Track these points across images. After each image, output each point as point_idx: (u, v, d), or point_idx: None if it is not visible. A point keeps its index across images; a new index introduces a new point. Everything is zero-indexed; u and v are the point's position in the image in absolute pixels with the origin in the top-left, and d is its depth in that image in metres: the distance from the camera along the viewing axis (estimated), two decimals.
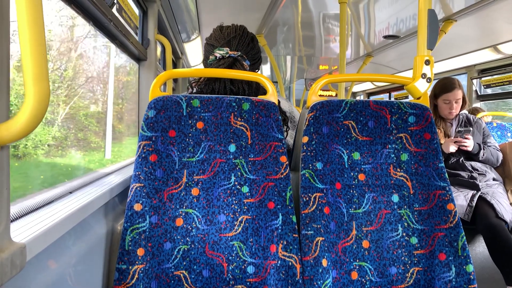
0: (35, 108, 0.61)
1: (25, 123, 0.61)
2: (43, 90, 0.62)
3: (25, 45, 0.60)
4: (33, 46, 0.61)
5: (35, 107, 0.61)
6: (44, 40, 0.61)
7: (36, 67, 0.61)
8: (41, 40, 0.61)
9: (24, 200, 0.95)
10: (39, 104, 0.62)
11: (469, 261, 1.32)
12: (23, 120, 0.61)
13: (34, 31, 0.61)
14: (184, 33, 3.92)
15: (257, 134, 1.32)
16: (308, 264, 1.26)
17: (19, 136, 0.61)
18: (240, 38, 1.57)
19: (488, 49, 3.64)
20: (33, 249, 0.73)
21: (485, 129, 2.76)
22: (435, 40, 1.42)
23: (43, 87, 0.62)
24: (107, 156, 2.83)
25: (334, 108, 1.39)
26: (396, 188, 1.39)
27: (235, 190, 1.30)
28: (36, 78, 0.61)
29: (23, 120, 0.61)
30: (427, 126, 1.41)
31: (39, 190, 1.15)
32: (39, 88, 0.62)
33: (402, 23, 3.41)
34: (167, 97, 1.30)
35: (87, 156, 2.67)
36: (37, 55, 0.61)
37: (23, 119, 0.61)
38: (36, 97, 0.61)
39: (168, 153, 1.28)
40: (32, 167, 1.85)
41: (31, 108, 0.61)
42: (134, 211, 1.22)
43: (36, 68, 0.61)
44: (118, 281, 1.17)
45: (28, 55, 0.61)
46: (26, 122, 0.61)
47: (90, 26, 1.62)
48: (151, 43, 2.40)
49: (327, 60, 5.63)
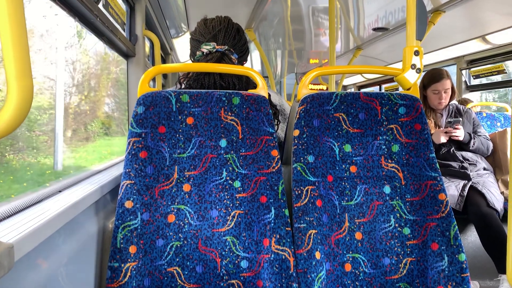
0: (19, 105, 0.60)
1: (8, 120, 0.60)
2: (27, 86, 0.61)
3: (7, 41, 0.59)
4: (15, 42, 0.59)
5: (19, 104, 0.60)
6: (25, 35, 0.60)
7: (19, 63, 0.60)
8: (23, 35, 0.60)
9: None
10: (22, 100, 0.60)
11: (461, 250, 1.32)
12: (6, 118, 0.60)
13: (15, 27, 0.59)
14: (173, 28, 3.89)
15: (248, 129, 1.32)
16: (301, 257, 1.25)
17: (3, 133, 0.60)
18: (225, 31, 1.54)
19: (476, 40, 3.66)
20: (22, 249, 0.72)
21: (475, 119, 2.78)
22: (424, 30, 1.42)
23: (26, 83, 0.61)
24: (58, 167, 2.20)
25: (324, 101, 1.39)
26: (388, 180, 1.39)
27: (227, 185, 1.29)
28: (19, 74, 0.60)
29: (6, 117, 0.60)
30: (417, 117, 1.41)
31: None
32: (22, 85, 0.60)
33: (391, 15, 3.42)
34: (156, 93, 1.28)
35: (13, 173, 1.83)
36: (19, 51, 0.60)
37: (6, 116, 0.60)
38: (19, 94, 0.60)
39: (158, 149, 1.27)
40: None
41: (15, 105, 0.60)
42: (125, 208, 1.21)
43: (19, 64, 0.60)
44: (110, 279, 1.16)
45: (10, 51, 0.59)
46: (10, 120, 0.60)
47: None
48: (139, 39, 2.38)
49: (317, 54, 5.62)
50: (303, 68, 6.90)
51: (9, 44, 0.59)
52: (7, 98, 0.60)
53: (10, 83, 0.60)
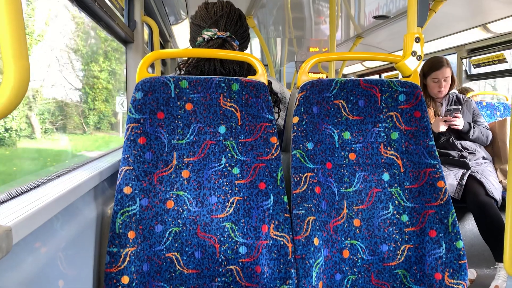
0: (16, 86, 0.59)
1: (6, 102, 0.59)
2: (23, 67, 0.60)
3: (3, 22, 0.58)
4: (11, 23, 0.59)
5: (16, 85, 0.59)
6: (22, 16, 0.59)
7: (15, 44, 0.59)
8: (19, 16, 0.59)
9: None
10: (19, 82, 0.60)
11: (459, 238, 1.33)
12: (3, 99, 0.59)
13: (11, 7, 0.59)
14: (172, 15, 3.85)
15: (247, 115, 1.31)
16: (299, 243, 1.26)
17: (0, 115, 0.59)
18: (227, 17, 1.51)
19: (477, 28, 3.64)
20: (20, 232, 0.72)
21: (475, 108, 2.77)
22: (425, 17, 1.41)
23: (23, 64, 0.60)
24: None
25: (324, 88, 1.38)
26: (387, 167, 1.39)
27: (226, 171, 1.29)
28: (16, 55, 0.59)
29: (4, 99, 0.59)
30: (417, 104, 1.40)
31: None
32: (19, 66, 0.60)
33: (392, 3, 3.39)
34: (154, 78, 1.28)
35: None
36: (16, 31, 0.59)
37: (4, 97, 0.59)
38: (16, 75, 0.59)
39: (157, 135, 1.27)
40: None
41: (12, 86, 0.59)
42: (124, 194, 1.21)
43: (15, 45, 0.59)
44: (109, 264, 1.17)
45: (7, 32, 0.59)
46: (7, 101, 0.59)
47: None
48: (137, 25, 2.35)
49: (317, 42, 5.59)
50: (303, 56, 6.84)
51: (5, 25, 0.58)
52: (3, 79, 0.59)
53: (6, 64, 0.59)
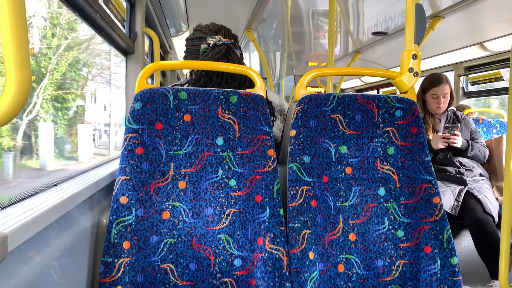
0: (17, 94, 0.60)
1: (6, 109, 0.60)
2: (25, 76, 0.61)
3: (6, 31, 0.59)
4: (13, 31, 0.59)
5: (17, 94, 0.60)
6: (25, 25, 0.60)
7: (18, 54, 0.60)
8: (22, 25, 0.60)
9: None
10: (20, 90, 0.60)
11: (454, 254, 1.33)
12: (4, 107, 0.60)
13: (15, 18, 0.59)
14: (173, 27, 3.89)
15: (245, 127, 1.32)
16: (295, 257, 1.26)
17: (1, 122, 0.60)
18: (225, 29, 1.59)
19: (475, 46, 3.67)
20: (15, 239, 0.72)
21: (473, 126, 2.79)
22: (422, 34, 1.43)
23: (24, 73, 0.61)
24: None
25: (321, 102, 1.39)
26: (383, 182, 1.40)
27: (223, 183, 1.30)
28: (18, 64, 0.60)
29: (5, 106, 0.60)
30: (413, 120, 1.41)
31: None
32: (20, 74, 0.60)
33: (390, 20, 3.43)
34: (153, 89, 1.29)
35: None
36: (18, 41, 0.60)
37: (4, 105, 0.60)
38: (17, 84, 0.60)
39: (155, 145, 1.27)
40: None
41: (13, 95, 0.60)
42: (120, 204, 1.20)
43: (18, 54, 0.60)
44: (103, 274, 1.16)
45: (9, 41, 0.59)
46: (8, 108, 0.60)
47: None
48: (138, 36, 2.37)
49: (316, 57, 5.63)
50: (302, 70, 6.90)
51: (8, 34, 0.59)
52: (5, 87, 0.60)
53: (8, 73, 0.60)
